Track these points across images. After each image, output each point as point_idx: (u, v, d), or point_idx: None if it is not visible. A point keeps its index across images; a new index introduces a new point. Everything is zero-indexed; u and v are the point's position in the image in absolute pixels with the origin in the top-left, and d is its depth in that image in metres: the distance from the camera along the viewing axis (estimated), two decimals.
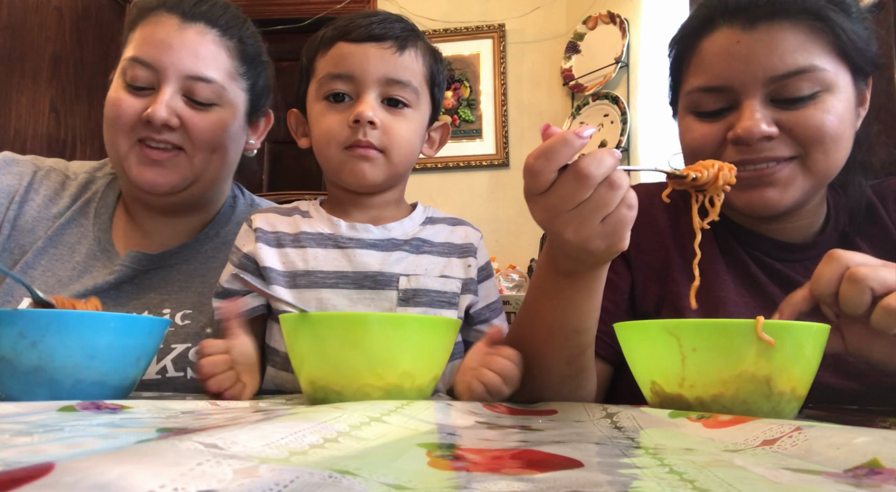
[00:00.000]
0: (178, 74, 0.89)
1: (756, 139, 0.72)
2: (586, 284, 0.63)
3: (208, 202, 1.02)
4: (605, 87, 2.90)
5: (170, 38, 0.89)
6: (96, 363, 0.59)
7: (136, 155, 0.91)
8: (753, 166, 0.74)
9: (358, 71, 0.82)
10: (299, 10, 3.40)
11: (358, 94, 0.83)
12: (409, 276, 0.84)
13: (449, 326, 0.62)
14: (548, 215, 0.55)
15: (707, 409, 0.53)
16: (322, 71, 0.85)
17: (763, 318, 0.51)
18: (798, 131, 0.72)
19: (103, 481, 0.20)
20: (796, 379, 0.52)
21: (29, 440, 0.34)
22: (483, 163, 3.17)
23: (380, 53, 0.83)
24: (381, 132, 0.83)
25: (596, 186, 0.52)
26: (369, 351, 0.57)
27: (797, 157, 0.74)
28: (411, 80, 0.84)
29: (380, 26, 0.83)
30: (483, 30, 3.26)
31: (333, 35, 0.84)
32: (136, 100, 0.90)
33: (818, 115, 0.72)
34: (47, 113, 2.87)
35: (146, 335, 0.64)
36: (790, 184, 0.74)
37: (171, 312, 0.93)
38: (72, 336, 0.58)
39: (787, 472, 0.32)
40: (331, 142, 0.83)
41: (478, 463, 0.33)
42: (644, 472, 0.31)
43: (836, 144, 0.73)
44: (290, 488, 0.23)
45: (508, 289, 2.75)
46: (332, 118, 0.83)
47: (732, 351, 0.51)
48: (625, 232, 0.57)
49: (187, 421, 0.45)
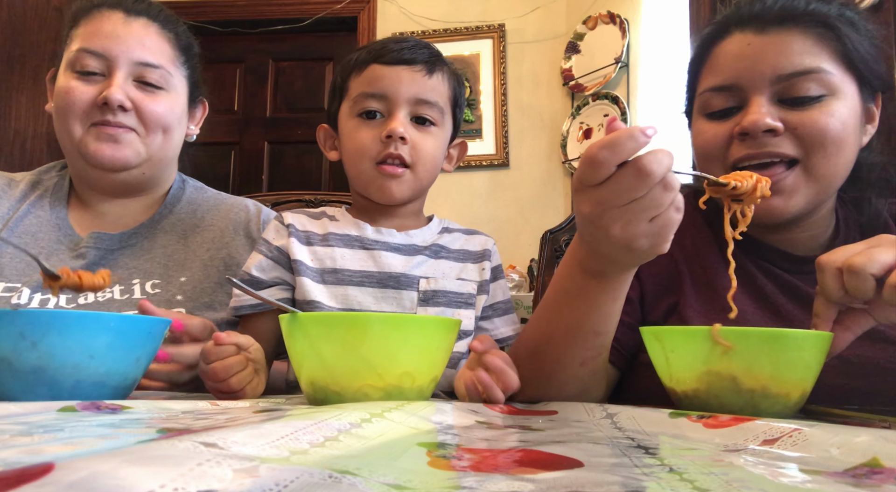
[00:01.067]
0: (129, 61, 0.96)
1: (761, 131, 0.74)
2: (613, 286, 0.63)
3: (157, 183, 1.08)
4: (605, 87, 2.90)
5: (117, 29, 0.96)
6: (96, 364, 0.59)
7: (92, 135, 0.96)
8: (757, 161, 0.76)
9: (390, 91, 0.88)
10: (299, 10, 3.40)
11: (389, 112, 0.89)
12: (429, 278, 0.91)
13: (448, 326, 0.62)
14: (598, 209, 0.55)
15: (691, 402, 0.59)
16: (356, 90, 0.90)
17: (719, 325, 0.56)
18: (802, 131, 0.74)
19: (103, 481, 0.20)
20: (765, 378, 0.56)
21: (29, 441, 0.34)
22: (483, 163, 3.17)
23: (411, 75, 0.89)
24: (410, 147, 0.88)
25: (654, 184, 0.53)
26: (369, 352, 0.57)
27: (799, 160, 0.75)
28: (438, 100, 0.91)
29: (410, 51, 0.90)
30: (483, 30, 3.26)
31: (367, 58, 0.91)
32: (88, 86, 0.95)
33: (822, 118, 0.73)
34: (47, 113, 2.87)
35: (146, 335, 0.64)
36: (794, 192, 0.76)
37: (140, 282, 0.97)
38: (72, 336, 0.58)
39: (787, 472, 0.32)
40: (363, 156, 0.89)
41: (478, 463, 0.33)
42: (644, 472, 0.31)
43: (838, 149, 0.74)
44: (290, 488, 0.23)
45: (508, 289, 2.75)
46: (364, 134, 0.89)
47: (699, 353, 0.58)
48: (670, 234, 0.57)
49: (187, 422, 0.45)
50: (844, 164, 0.76)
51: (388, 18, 3.36)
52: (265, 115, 3.51)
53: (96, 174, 1.00)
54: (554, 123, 3.14)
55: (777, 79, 0.75)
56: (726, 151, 0.79)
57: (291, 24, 3.37)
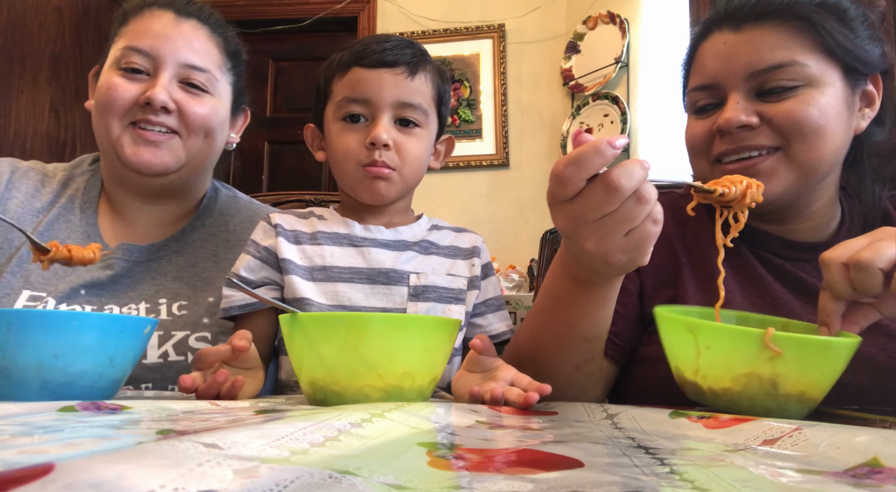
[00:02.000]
0: (176, 62, 0.94)
1: (735, 127, 0.77)
2: (600, 293, 0.63)
3: (191, 189, 1.06)
4: (604, 87, 2.90)
5: (166, 29, 0.94)
6: (62, 364, 0.57)
7: (130, 136, 0.94)
8: (737, 156, 0.78)
9: (373, 95, 0.88)
10: (299, 10, 3.40)
11: (373, 117, 0.88)
12: (419, 273, 0.90)
13: (448, 326, 0.62)
14: (571, 224, 0.54)
15: (717, 398, 0.56)
16: (339, 94, 0.90)
17: (773, 329, 0.53)
18: (778, 121, 0.76)
19: (103, 481, 0.20)
20: (805, 384, 0.54)
21: (29, 441, 0.34)
22: (483, 163, 3.17)
23: (393, 79, 0.88)
24: (395, 151, 0.88)
25: (624, 198, 0.51)
26: (369, 352, 0.57)
27: (780, 148, 0.77)
28: (421, 102, 0.90)
29: (392, 53, 0.88)
30: (483, 30, 3.26)
31: (349, 60, 0.90)
32: (132, 84, 0.93)
33: (798, 107, 0.75)
34: (47, 113, 2.87)
35: (118, 334, 0.61)
36: (773, 175, 0.77)
37: (167, 302, 0.96)
38: (33, 336, 0.56)
39: (788, 472, 0.32)
40: (349, 160, 0.89)
41: (478, 463, 0.33)
42: (644, 472, 0.31)
43: (819, 136, 0.75)
44: (290, 488, 0.23)
45: (508, 289, 2.75)
46: (349, 138, 0.89)
47: (742, 354, 0.54)
48: (648, 247, 0.55)
49: (188, 423, 0.45)
50: (830, 151, 0.76)
51: (388, 18, 3.36)
52: (265, 115, 3.51)
53: (131, 177, 0.98)
54: (554, 123, 3.14)
55: (751, 75, 0.77)
56: (710, 147, 0.81)
57: (291, 25, 3.37)
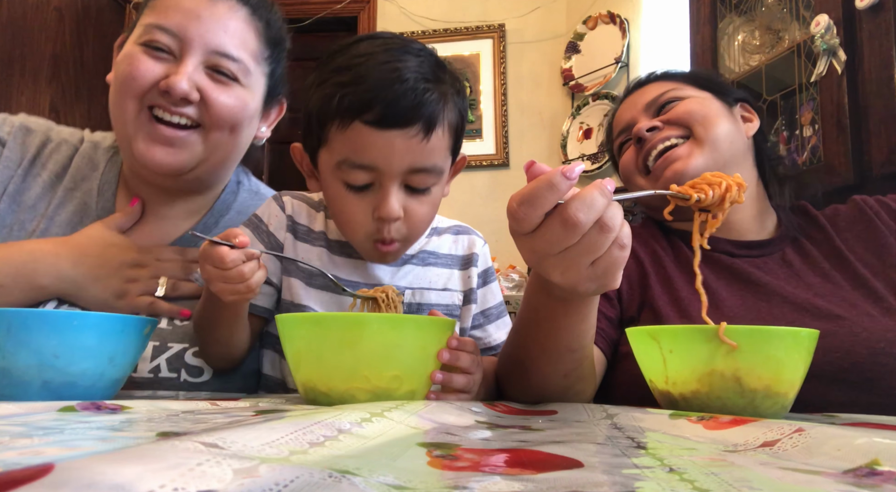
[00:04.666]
0: (204, 47, 0.83)
1: (644, 130, 0.95)
2: (577, 309, 0.61)
3: (210, 185, 0.98)
4: (605, 87, 2.90)
5: (199, 7, 0.82)
6: (62, 364, 0.57)
7: (145, 129, 0.84)
8: (655, 150, 0.94)
9: (381, 163, 0.73)
10: (299, 10, 3.40)
11: (380, 182, 0.75)
12: (414, 290, 0.87)
13: (443, 326, 0.62)
14: (534, 257, 0.52)
15: (689, 404, 0.58)
16: (338, 151, 0.75)
17: (725, 323, 0.55)
18: (675, 118, 0.95)
19: (103, 481, 0.20)
20: (767, 377, 0.55)
21: (29, 443, 0.34)
22: (483, 163, 3.17)
23: (405, 143, 0.73)
24: (404, 220, 0.78)
25: (584, 231, 0.49)
26: (364, 352, 0.57)
27: (687, 137, 0.94)
28: (437, 162, 0.77)
29: (405, 105, 0.71)
30: (483, 30, 3.26)
31: (352, 110, 0.72)
32: (155, 63, 0.82)
33: (685, 105, 0.96)
34: (47, 113, 2.87)
35: (118, 334, 0.61)
36: (690, 155, 0.91)
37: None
38: (33, 336, 0.56)
39: (788, 472, 0.32)
40: (357, 231, 0.79)
41: (477, 463, 0.33)
42: (644, 472, 0.31)
43: (709, 120, 0.93)
44: (290, 488, 0.23)
45: (508, 289, 2.75)
46: (354, 206, 0.77)
47: (701, 353, 0.56)
48: (616, 273, 0.53)
49: (187, 424, 0.45)
50: (724, 132, 0.93)
51: (388, 18, 3.36)
52: None
53: (144, 171, 0.89)
54: (554, 123, 3.14)
55: (648, 105, 0.99)
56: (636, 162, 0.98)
57: (291, 24, 3.36)
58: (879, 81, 1.40)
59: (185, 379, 0.86)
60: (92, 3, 3.08)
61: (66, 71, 2.93)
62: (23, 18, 2.83)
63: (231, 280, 0.69)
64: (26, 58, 2.83)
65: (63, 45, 2.94)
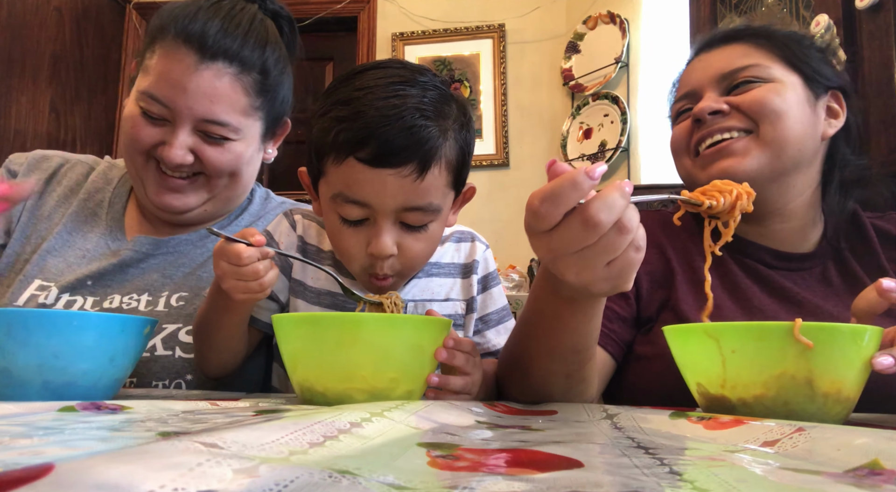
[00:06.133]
0: (192, 117, 0.88)
1: (707, 113, 0.86)
2: (584, 310, 0.61)
3: (222, 213, 1.04)
4: (605, 87, 2.90)
5: (184, 80, 0.86)
6: (63, 364, 0.57)
7: (154, 179, 0.93)
8: (712, 139, 0.86)
9: (374, 201, 0.73)
10: (299, 10, 3.39)
11: (374, 219, 0.76)
12: (417, 302, 0.87)
13: (439, 326, 0.62)
14: (550, 256, 0.52)
15: (751, 410, 0.53)
16: (334, 185, 0.75)
17: (801, 320, 0.51)
18: (745, 106, 0.85)
19: (103, 482, 0.20)
20: (841, 381, 0.51)
21: (29, 443, 0.34)
22: (483, 163, 3.17)
23: (398, 182, 0.72)
24: (399, 256, 0.77)
25: (604, 232, 0.49)
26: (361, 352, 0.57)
27: (751, 131, 0.85)
28: (432, 201, 0.75)
29: (399, 144, 0.71)
30: (483, 30, 3.26)
31: (346, 145, 0.72)
32: (153, 129, 0.90)
33: (762, 94, 0.84)
34: (47, 113, 2.88)
35: (117, 334, 0.61)
36: (746, 153, 0.84)
37: (168, 294, 0.95)
38: (32, 336, 0.56)
39: (788, 472, 0.32)
40: (352, 262, 0.80)
41: (478, 463, 0.33)
42: (644, 472, 0.31)
43: (782, 118, 0.83)
44: (290, 488, 0.23)
45: (508, 289, 2.75)
46: (349, 239, 0.78)
47: (771, 353, 0.51)
48: (631, 274, 0.53)
49: (187, 424, 0.45)
50: (795, 133, 0.84)
51: (388, 18, 3.36)
52: None
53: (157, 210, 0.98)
54: (554, 123, 3.14)
55: (722, 77, 0.88)
56: (689, 142, 0.90)
57: None
58: (879, 81, 1.40)
59: (180, 355, 0.89)
60: (92, 3, 3.08)
61: (66, 71, 2.93)
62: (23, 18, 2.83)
63: (245, 277, 0.69)
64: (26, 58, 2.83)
65: (63, 45, 2.94)
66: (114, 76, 3.15)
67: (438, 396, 0.65)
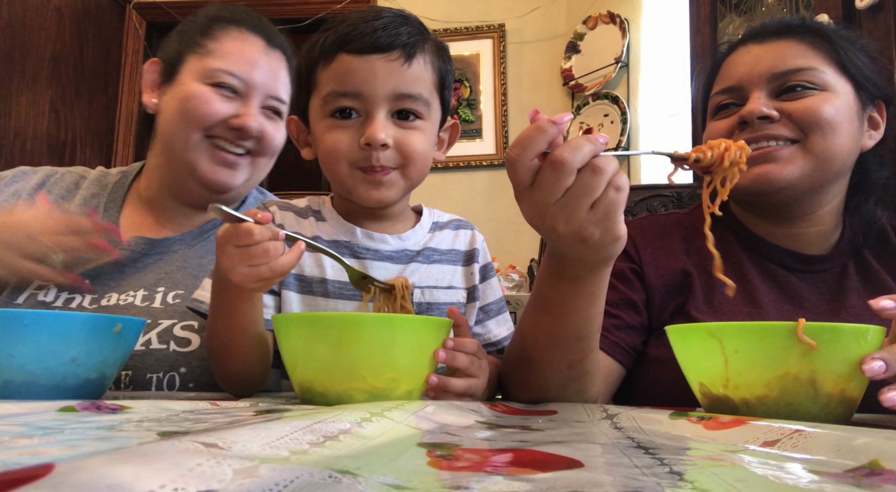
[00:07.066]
0: (265, 92, 0.99)
1: (756, 117, 0.82)
2: (589, 288, 0.63)
3: (238, 198, 1.10)
4: (605, 87, 2.90)
5: (260, 58, 0.99)
6: (20, 362, 0.56)
7: (209, 154, 0.98)
8: (757, 145, 0.82)
9: (365, 88, 0.77)
10: (299, 10, 3.40)
11: (367, 111, 0.78)
12: (423, 289, 0.85)
13: (439, 326, 0.62)
14: (536, 211, 0.55)
15: (753, 411, 0.52)
16: (325, 86, 0.79)
17: (804, 320, 0.50)
18: (797, 115, 0.81)
19: (103, 481, 0.20)
20: (844, 381, 0.51)
21: (29, 443, 0.34)
22: (483, 163, 3.17)
23: (387, 67, 0.77)
24: (395, 150, 0.79)
25: (574, 172, 0.52)
26: (361, 352, 0.57)
27: (798, 141, 0.81)
28: (422, 91, 0.79)
29: (385, 34, 0.77)
30: (483, 30, 3.26)
31: (334, 44, 0.78)
32: (225, 103, 0.96)
33: (816, 103, 0.81)
34: (47, 113, 2.88)
35: (77, 332, 0.59)
36: (790, 162, 0.81)
37: (164, 290, 0.96)
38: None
39: (788, 472, 0.32)
40: (341, 160, 0.79)
41: (478, 463, 0.33)
42: (644, 472, 0.31)
43: (833, 131, 0.80)
44: (290, 488, 0.23)
45: (508, 289, 2.75)
46: (340, 136, 0.78)
47: (774, 353, 0.51)
48: (617, 215, 0.56)
49: (187, 424, 0.45)
50: (842, 148, 0.81)
51: None
52: None
53: (195, 188, 1.00)
54: None
55: (773, 76, 0.83)
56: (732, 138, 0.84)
57: (291, 25, 3.37)
58: None
59: (174, 349, 0.90)
60: (92, 3, 3.08)
61: (66, 71, 2.93)
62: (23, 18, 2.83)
63: (256, 259, 0.62)
64: (26, 58, 2.83)
65: (63, 45, 2.94)
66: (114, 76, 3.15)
67: (438, 397, 0.65)
